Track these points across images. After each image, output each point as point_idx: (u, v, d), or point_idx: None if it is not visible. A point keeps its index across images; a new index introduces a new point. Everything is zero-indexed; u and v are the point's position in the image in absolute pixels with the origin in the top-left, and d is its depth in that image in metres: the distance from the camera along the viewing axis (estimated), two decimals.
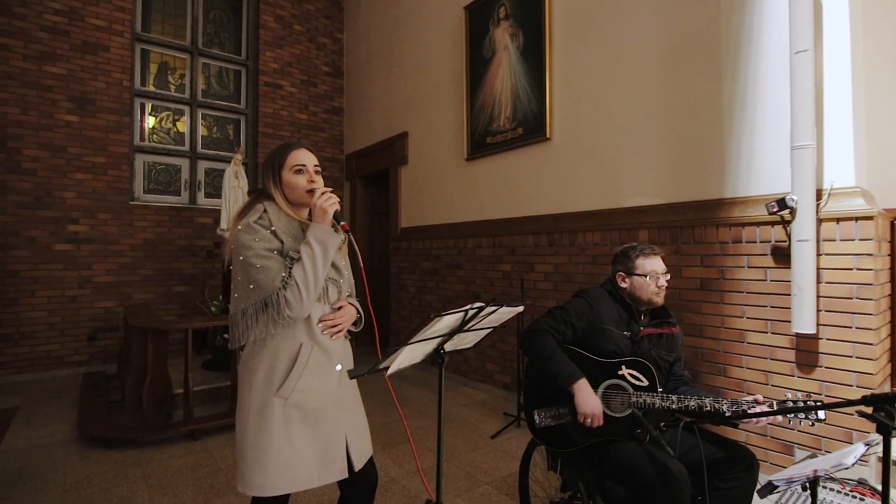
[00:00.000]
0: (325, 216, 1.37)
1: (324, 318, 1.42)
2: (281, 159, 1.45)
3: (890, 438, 0.96)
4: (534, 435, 1.83)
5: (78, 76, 4.87)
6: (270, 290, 1.29)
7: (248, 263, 1.30)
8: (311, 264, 1.32)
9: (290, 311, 1.30)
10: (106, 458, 2.97)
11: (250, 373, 1.37)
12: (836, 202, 2.39)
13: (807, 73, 2.35)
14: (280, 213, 1.40)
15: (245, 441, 1.34)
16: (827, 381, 2.40)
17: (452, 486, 2.63)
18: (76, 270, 4.86)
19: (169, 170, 5.62)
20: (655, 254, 1.91)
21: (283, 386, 1.34)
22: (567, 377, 1.67)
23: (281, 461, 1.31)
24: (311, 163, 1.46)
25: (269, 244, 1.33)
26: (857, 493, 2.07)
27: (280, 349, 1.35)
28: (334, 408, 1.42)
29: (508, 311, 1.25)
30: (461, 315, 1.10)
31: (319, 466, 1.37)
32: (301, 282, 1.30)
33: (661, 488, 1.49)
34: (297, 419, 1.35)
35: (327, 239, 1.36)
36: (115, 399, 3.91)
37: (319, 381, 1.38)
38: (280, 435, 1.32)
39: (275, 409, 1.33)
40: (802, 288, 2.37)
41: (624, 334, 1.81)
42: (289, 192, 1.43)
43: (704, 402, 1.59)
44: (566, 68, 3.70)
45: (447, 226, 4.85)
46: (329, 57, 6.65)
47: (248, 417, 1.34)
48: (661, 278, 1.85)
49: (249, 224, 1.34)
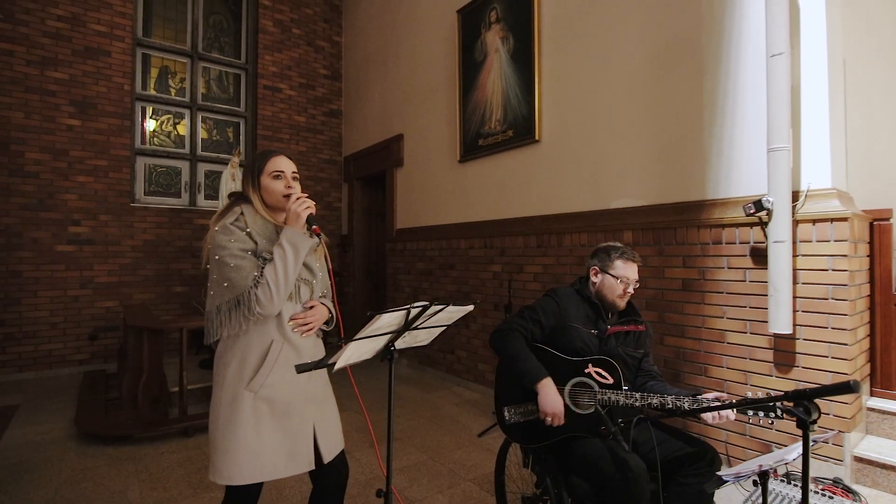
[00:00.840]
0: (299, 220, 1.44)
1: (295, 317, 1.48)
2: (261, 165, 1.51)
3: (808, 433, 1.00)
4: (503, 431, 1.88)
5: (80, 81, 4.97)
6: (243, 289, 1.35)
7: (223, 262, 1.37)
8: (283, 265, 1.39)
9: (260, 309, 1.37)
10: (102, 453, 3.05)
11: (223, 367, 1.44)
12: (813, 203, 2.42)
13: (782, 76, 2.38)
14: (256, 216, 1.47)
15: (216, 432, 1.41)
16: (803, 381, 2.43)
17: (435, 483, 2.68)
18: (78, 271, 4.97)
19: (169, 172, 5.72)
20: (634, 261, 1.94)
21: (254, 380, 1.40)
22: (532, 376, 1.72)
23: (249, 452, 1.37)
24: (290, 169, 1.53)
25: (243, 245, 1.40)
26: (828, 491, 2.11)
27: (251, 345, 1.42)
28: (303, 402, 1.48)
29: (457, 310, 1.30)
30: (403, 314, 1.15)
31: (286, 458, 1.43)
32: (272, 281, 1.37)
33: (619, 483, 1.53)
34: (267, 412, 1.41)
35: (299, 241, 1.42)
36: (114, 397, 4.00)
37: (289, 376, 1.44)
38: (249, 427, 1.38)
39: (245, 401, 1.39)
40: (779, 289, 2.40)
41: (591, 332, 1.85)
42: (266, 196, 1.50)
43: (666, 400, 1.63)
44: (554, 71, 3.74)
45: (441, 227, 4.90)
46: (327, 60, 6.73)
47: (220, 409, 1.41)
48: (631, 285, 1.89)
49: (226, 225, 1.41)
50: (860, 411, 2.48)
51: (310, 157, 6.56)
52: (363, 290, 6.48)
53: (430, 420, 3.67)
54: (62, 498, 2.49)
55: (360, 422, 3.58)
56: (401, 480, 2.71)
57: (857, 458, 2.35)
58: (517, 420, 1.82)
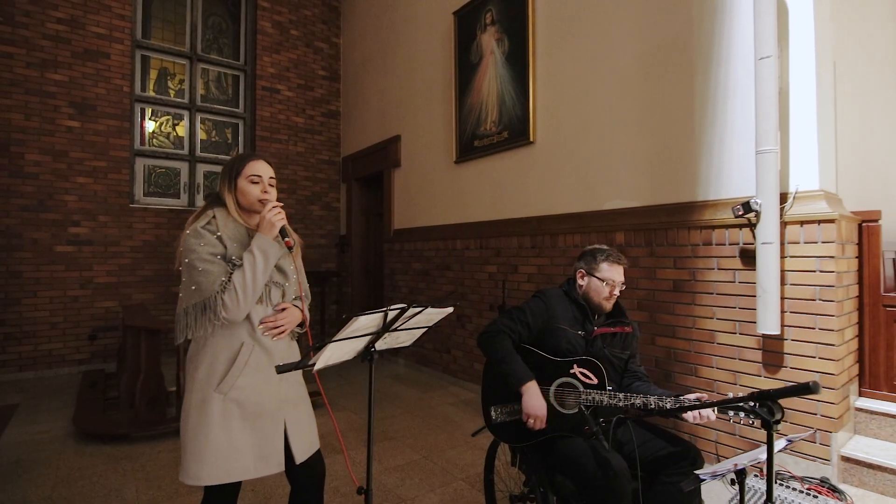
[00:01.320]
0: (272, 229, 1.47)
1: (265, 320, 1.50)
2: (239, 167, 1.53)
3: (772, 432, 1.02)
4: (490, 430, 1.91)
5: (79, 83, 5.01)
6: (210, 293, 1.37)
7: (192, 266, 1.39)
8: (252, 271, 1.41)
9: (226, 314, 1.39)
10: (99, 452, 3.08)
11: (193, 369, 1.46)
12: (801, 205, 2.44)
13: (770, 79, 2.40)
14: (228, 219, 1.49)
15: (186, 433, 1.43)
16: (791, 381, 2.45)
17: (427, 482, 2.70)
18: (77, 271, 5.01)
19: (168, 173, 5.76)
20: (620, 264, 1.95)
21: (223, 382, 1.42)
22: (517, 378, 1.75)
23: (218, 453, 1.39)
24: (267, 175, 1.55)
25: (213, 249, 1.42)
26: (813, 490, 2.13)
27: (221, 347, 1.44)
28: (275, 404, 1.50)
29: (437, 312, 1.32)
30: (381, 316, 1.18)
31: (257, 459, 1.45)
32: (239, 286, 1.39)
33: (602, 482, 1.56)
34: (237, 413, 1.43)
35: (269, 250, 1.45)
36: (113, 396, 4.04)
37: (260, 378, 1.46)
38: (218, 428, 1.40)
39: (214, 403, 1.41)
40: (767, 290, 2.42)
41: (578, 334, 1.88)
42: (241, 199, 1.52)
43: (649, 400, 1.66)
44: (548, 73, 3.76)
45: (437, 227, 4.93)
46: (326, 61, 6.76)
47: (189, 411, 1.43)
48: (617, 287, 1.91)
49: (197, 229, 1.43)
50: (848, 411, 2.50)
51: (308, 158, 6.60)
52: (361, 290, 6.52)
53: (424, 420, 3.69)
54: (59, 496, 2.53)
55: (360, 421, 3.61)
56: (393, 479, 2.74)
57: (844, 458, 2.37)
58: (503, 419, 1.85)
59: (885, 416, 2.49)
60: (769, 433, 1.03)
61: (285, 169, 6.40)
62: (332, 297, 6.75)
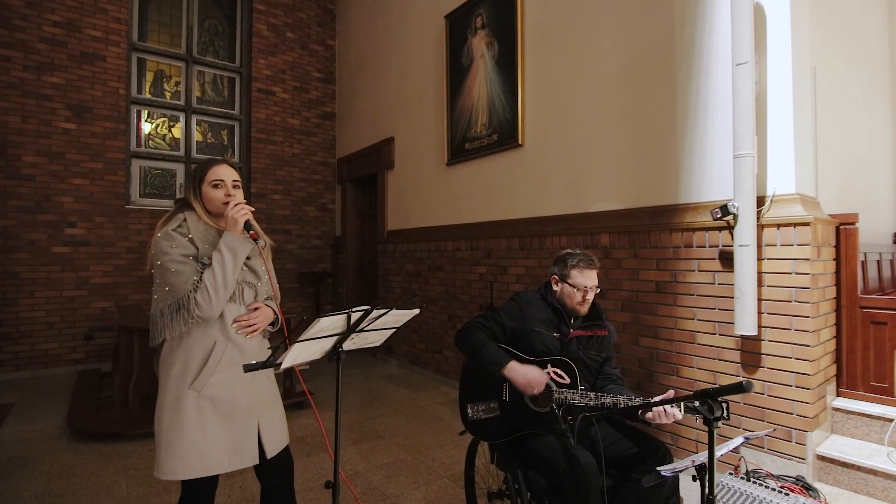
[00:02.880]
0: (236, 225, 1.51)
1: (238, 319, 1.55)
2: (201, 174, 1.58)
3: (713, 429, 1.07)
4: (466, 427, 1.96)
5: (76, 85, 5.07)
6: (183, 293, 1.42)
7: (165, 268, 1.44)
8: (221, 269, 1.46)
9: (199, 312, 1.44)
10: (92, 450, 3.14)
11: (167, 367, 1.50)
12: (778, 209, 2.49)
13: (747, 85, 2.45)
14: (199, 222, 1.54)
15: (160, 430, 1.47)
16: (769, 381, 2.50)
17: (412, 480, 2.75)
18: (74, 272, 5.06)
19: (164, 174, 5.81)
20: (591, 268, 1.96)
21: (197, 380, 1.47)
22: (497, 362, 1.79)
23: (193, 448, 1.44)
24: (230, 178, 1.59)
25: (184, 250, 1.47)
26: (785, 488, 2.17)
27: (195, 346, 1.49)
28: (247, 400, 1.55)
29: (403, 313, 1.36)
30: (345, 317, 1.22)
31: (230, 453, 1.50)
32: (210, 285, 1.44)
33: (570, 478, 1.60)
34: (210, 410, 1.48)
35: (237, 246, 1.50)
36: (107, 395, 4.09)
37: (233, 376, 1.51)
38: (193, 424, 1.45)
39: (188, 400, 1.46)
40: (744, 291, 2.47)
41: (553, 335, 1.92)
42: (208, 204, 1.57)
43: (619, 400, 1.70)
44: (537, 77, 3.81)
45: (429, 229, 4.98)
46: (321, 63, 6.81)
47: (164, 408, 1.48)
48: (590, 292, 1.94)
49: (168, 232, 1.48)
50: (824, 411, 2.54)
51: (304, 160, 6.65)
52: (356, 290, 6.57)
53: (413, 419, 3.74)
54: (51, 492, 2.58)
55: (350, 419, 3.66)
56: (379, 477, 2.79)
57: (819, 457, 2.42)
58: (479, 417, 1.90)
59: (861, 416, 2.53)
60: (710, 430, 1.08)
61: (280, 170, 6.45)
62: (327, 298, 6.80)
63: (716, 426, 1.08)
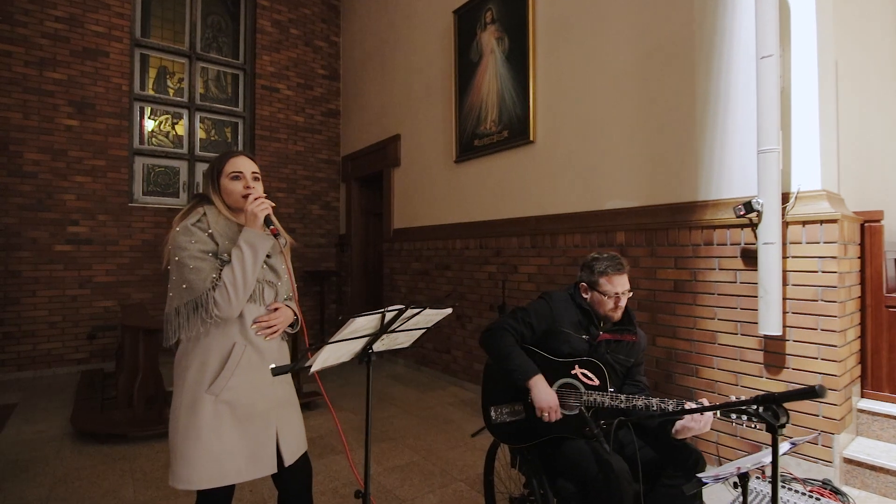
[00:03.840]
0: (256, 220, 1.43)
1: (258, 320, 1.47)
2: (220, 166, 1.51)
3: (777, 436, 1.01)
4: (489, 431, 1.89)
5: (78, 81, 5.00)
6: (201, 291, 1.34)
7: (182, 264, 1.36)
8: (241, 266, 1.38)
9: (218, 312, 1.36)
10: (97, 452, 3.07)
11: (183, 370, 1.42)
12: (803, 205, 2.42)
13: (772, 78, 2.39)
14: (219, 217, 1.46)
15: (176, 436, 1.39)
16: (793, 383, 2.44)
17: (427, 483, 2.69)
18: (76, 271, 4.99)
19: (167, 172, 5.74)
20: (620, 273, 1.85)
21: (215, 383, 1.39)
22: (523, 373, 1.73)
23: (209, 456, 1.36)
24: (249, 170, 1.52)
25: (203, 246, 1.39)
26: (815, 493, 2.12)
27: (212, 348, 1.41)
28: (266, 405, 1.47)
29: (435, 313, 1.30)
30: (379, 317, 1.16)
31: (248, 461, 1.42)
32: (230, 283, 1.36)
33: (602, 484, 1.54)
34: (228, 415, 1.40)
35: (257, 242, 1.41)
36: (111, 396, 4.02)
37: (252, 379, 1.43)
38: (209, 430, 1.37)
39: (205, 405, 1.38)
40: (768, 290, 2.41)
41: (582, 338, 1.85)
42: (226, 198, 1.50)
43: (651, 402, 1.64)
44: (549, 72, 3.75)
45: (437, 227, 4.92)
46: (325, 60, 6.74)
47: (179, 413, 1.40)
48: (622, 298, 1.85)
49: (187, 226, 1.40)
50: (850, 413, 2.48)
51: (308, 157, 6.58)
52: (360, 289, 6.50)
53: (424, 420, 3.68)
54: (56, 496, 2.51)
55: (359, 420, 3.60)
56: (392, 480, 2.72)
57: (846, 460, 2.36)
58: (503, 420, 1.83)
59: (887, 418, 2.47)
60: (774, 437, 1.02)
61: (284, 168, 6.38)
62: (331, 297, 6.73)
63: (780, 433, 1.02)
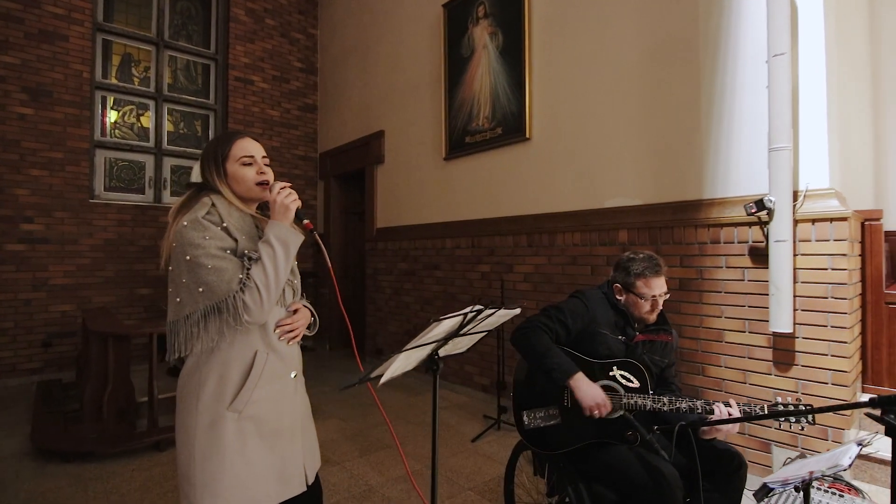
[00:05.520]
0: (287, 213, 1.28)
1: (281, 323, 1.31)
2: (225, 150, 1.31)
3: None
4: (522, 437, 1.78)
5: (33, 66, 4.58)
6: (224, 294, 1.16)
7: (198, 263, 1.17)
8: (273, 265, 1.21)
9: (248, 316, 1.18)
10: (63, 472, 2.77)
11: (197, 386, 1.23)
12: (812, 203, 2.44)
13: (784, 76, 2.39)
14: (231, 208, 1.28)
15: (192, 464, 1.20)
16: (803, 380, 2.45)
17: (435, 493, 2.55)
18: (30, 272, 4.57)
19: (132, 167, 5.36)
20: (658, 274, 1.78)
21: (238, 398, 1.21)
22: (563, 371, 1.63)
23: (235, 481, 1.20)
24: (260, 153, 1.35)
25: (221, 242, 1.20)
26: (836, 489, 2.10)
27: (232, 358, 1.23)
28: (291, 418, 1.32)
29: (506, 313, 1.19)
30: (460, 319, 1.04)
31: (278, 482, 1.26)
32: (262, 284, 1.19)
33: (653, 492, 1.46)
34: (253, 433, 1.24)
35: (289, 238, 1.25)
36: (73, 409, 3.68)
37: (276, 390, 1.27)
38: (234, 453, 1.20)
39: (227, 423, 1.21)
40: (780, 288, 2.41)
41: (619, 339, 1.78)
42: (235, 186, 1.31)
43: (696, 405, 1.58)
44: (546, 69, 3.69)
45: (425, 226, 4.78)
46: (302, 53, 6.49)
47: (195, 436, 1.21)
48: (659, 302, 1.78)
49: (197, 219, 1.20)
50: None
51: (284, 153, 6.31)
52: (341, 291, 6.27)
53: (419, 426, 3.54)
54: None
55: (351, 429, 3.41)
56: (397, 491, 2.58)
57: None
58: (537, 425, 1.73)
59: None
60: (894, 441, 0.96)
61: None
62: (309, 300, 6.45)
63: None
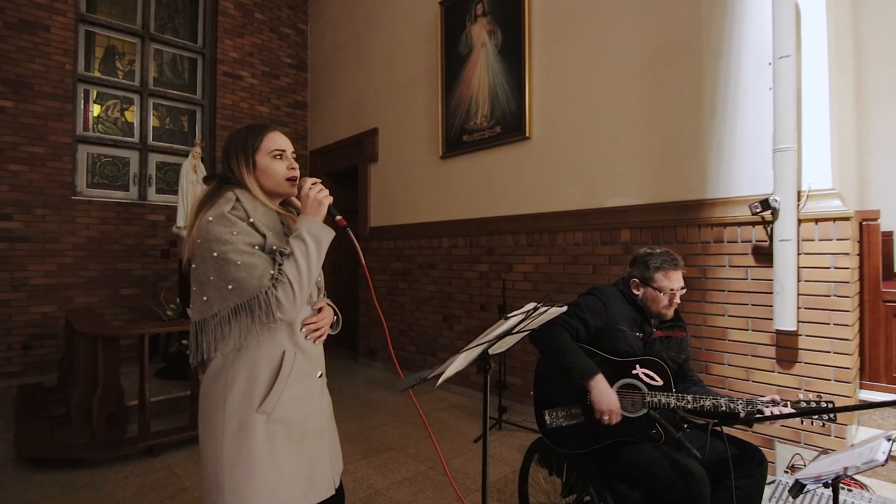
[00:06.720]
0: (320, 209, 1.25)
1: (307, 321, 1.27)
2: (256, 142, 1.27)
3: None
4: (544, 436, 1.76)
5: (13, 57, 4.40)
6: (255, 291, 1.13)
7: (226, 260, 1.13)
8: (306, 262, 1.18)
9: (281, 314, 1.15)
10: (52, 480, 2.66)
11: (224, 388, 1.18)
12: (814, 203, 2.48)
13: (789, 78, 2.42)
14: (256, 203, 1.23)
15: (220, 469, 1.16)
16: (806, 377, 2.48)
17: (441, 496, 2.52)
18: (9, 272, 4.38)
19: (116, 162, 5.19)
20: (676, 268, 1.80)
21: (267, 400, 1.18)
22: (583, 372, 1.61)
23: (265, 486, 1.16)
24: (290, 148, 1.32)
25: (249, 238, 1.16)
26: (844, 485, 2.14)
27: (260, 358, 1.19)
28: (317, 420, 1.29)
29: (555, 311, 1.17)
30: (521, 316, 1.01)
31: (307, 486, 1.22)
32: (295, 280, 1.16)
33: (682, 491, 1.45)
34: (282, 435, 1.20)
35: (322, 234, 1.22)
36: (58, 414, 3.54)
37: (303, 391, 1.24)
38: (264, 456, 1.17)
39: (257, 426, 1.17)
40: (784, 286, 2.44)
41: (637, 335, 1.77)
42: (264, 180, 1.27)
43: (720, 402, 1.58)
44: (546, 67, 3.68)
45: (421, 225, 4.74)
46: (292, 49, 6.38)
47: (223, 441, 1.16)
48: (677, 295, 1.79)
49: (224, 214, 1.16)
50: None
51: None
52: (332, 290, 6.18)
53: (419, 426, 3.49)
54: None
55: (351, 431, 3.35)
56: (403, 494, 2.53)
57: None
58: (559, 424, 1.71)
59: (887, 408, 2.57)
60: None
61: None
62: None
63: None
